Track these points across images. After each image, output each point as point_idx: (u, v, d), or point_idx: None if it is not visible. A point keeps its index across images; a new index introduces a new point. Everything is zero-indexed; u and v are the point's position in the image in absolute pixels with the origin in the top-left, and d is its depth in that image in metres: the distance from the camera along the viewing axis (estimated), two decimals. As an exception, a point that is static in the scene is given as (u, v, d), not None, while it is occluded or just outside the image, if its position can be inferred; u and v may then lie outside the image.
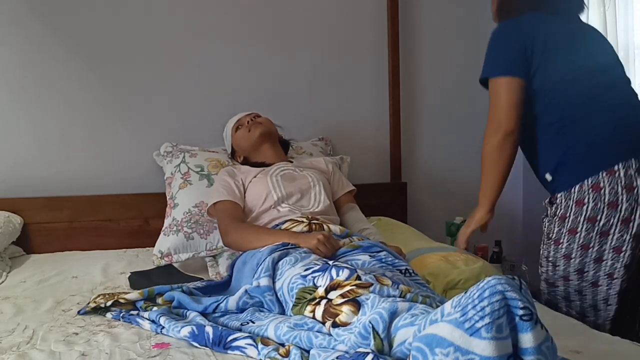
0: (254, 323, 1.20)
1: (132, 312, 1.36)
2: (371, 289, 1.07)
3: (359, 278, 1.11)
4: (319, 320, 1.09)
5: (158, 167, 2.23)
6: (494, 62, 1.57)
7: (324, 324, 1.07)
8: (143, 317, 1.30)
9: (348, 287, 1.09)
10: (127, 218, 2.24)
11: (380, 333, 0.93)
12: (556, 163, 1.55)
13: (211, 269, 1.87)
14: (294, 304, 1.19)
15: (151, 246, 1.95)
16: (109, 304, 1.38)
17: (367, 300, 1.02)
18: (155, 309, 1.33)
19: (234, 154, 2.06)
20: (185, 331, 1.17)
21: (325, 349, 1.00)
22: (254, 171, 1.84)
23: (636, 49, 2.78)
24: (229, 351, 1.12)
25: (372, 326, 0.93)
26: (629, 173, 1.46)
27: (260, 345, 1.08)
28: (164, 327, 1.23)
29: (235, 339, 1.12)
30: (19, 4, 2.19)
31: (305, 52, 2.48)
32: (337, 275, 1.14)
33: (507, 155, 1.56)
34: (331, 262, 1.23)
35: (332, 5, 2.51)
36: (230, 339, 1.13)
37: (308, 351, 1.03)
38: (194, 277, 1.79)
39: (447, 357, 0.76)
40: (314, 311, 1.11)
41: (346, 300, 1.05)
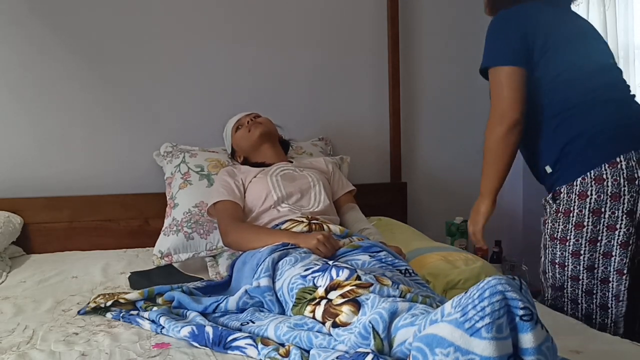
0: (254, 323, 1.20)
1: (132, 312, 1.36)
2: (371, 289, 1.07)
3: (359, 278, 1.11)
4: (319, 320, 1.09)
5: (158, 167, 2.23)
6: (496, 51, 1.54)
7: (324, 324, 1.07)
8: (143, 317, 1.30)
9: (348, 287, 1.08)
10: (127, 218, 2.24)
11: (380, 333, 0.93)
12: (558, 155, 1.54)
13: (211, 269, 1.87)
14: (294, 304, 1.19)
15: (151, 246, 1.95)
16: (109, 304, 1.38)
17: (367, 300, 1.02)
18: (155, 309, 1.33)
19: (234, 154, 2.06)
20: (185, 331, 1.18)
21: (325, 349, 1.00)
22: (254, 171, 1.84)
23: (636, 49, 2.78)
24: (229, 351, 1.12)
25: (372, 326, 0.93)
26: (630, 164, 1.46)
27: (260, 345, 1.08)
28: (164, 327, 1.23)
29: (235, 339, 1.12)
30: (19, 4, 2.19)
31: (305, 52, 2.48)
32: (337, 275, 1.14)
33: (511, 146, 1.54)
34: (331, 262, 1.23)
35: (332, 6, 2.51)
36: (230, 339, 1.13)
37: (308, 351, 1.03)
38: (194, 277, 1.79)
39: (448, 357, 0.76)
40: (314, 311, 1.11)
41: (346, 300, 1.05)
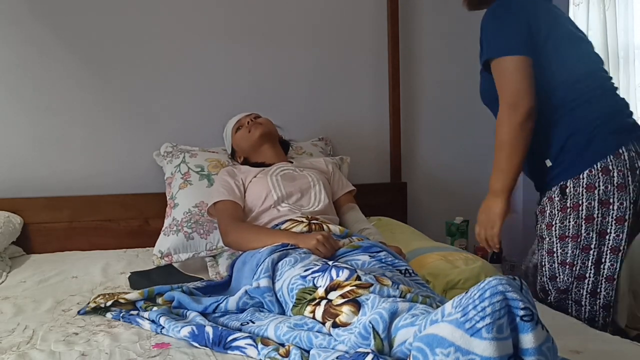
0: (254, 323, 1.20)
1: (132, 312, 1.36)
2: (371, 289, 1.07)
3: (359, 278, 1.11)
4: (319, 320, 1.09)
5: (158, 167, 2.23)
6: (501, 41, 1.49)
7: (324, 324, 1.07)
8: (143, 317, 1.30)
9: (348, 288, 1.08)
10: (127, 218, 2.24)
11: (380, 333, 0.92)
12: (559, 148, 1.52)
13: (211, 269, 1.87)
14: (293, 304, 1.19)
15: (151, 246, 1.95)
16: (109, 304, 1.38)
17: (367, 300, 1.02)
18: (155, 309, 1.33)
19: (234, 155, 2.06)
20: (185, 331, 1.17)
21: (325, 349, 1.00)
22: (254, 171, 1.84)
23: (636, 49, 2.79)
24: (229, 351, 1.12)
25: (372, 326, 0.93)
26: (631, 155, 1.48)
27: (260, 345, 1.08)
28: (164, 327, 1.23)
29: (235, 339, 1.12)
30: (18, 4, 2.19)
31: (305, 52, 2.48)
32: (337, 275, 1.14)
33: (528, 136, 1.47)
34: (331, 263, 1.23)
35: (332, 5, 2.51)
36: (230, 339, 1.13)
37: (308, 351, 1.03)
38: (194, 277, 1.79)
39: (448, 357, 0.76)
40: (314, 311, 1.11)
41: (346, 300, 1.05)
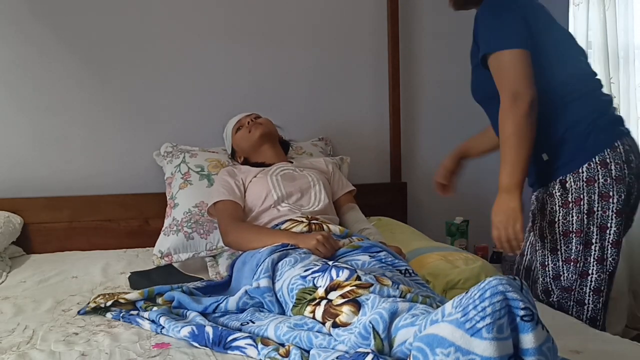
0: (254, 323, 1.20)
1: (132, 312, 1.36)
2: (371, 289, 1.07)
3: (359, 278, 1.11)
4: (319, 320, 1.09)
5: (158, 167, 2.23)
6: (500, 35, 1.48)
7: (324, 324, 1.07)
8: (143, 317, 1.30)
9: (348, 288, 1.08)
10: (127, 218, 2.24)
11: (380, 333, 0.92)
12: (556, 142, 1.51)
13: (211, 269, 1.87)
14: (293, 304, 1.19)
15: (151, 246, 1.94)
16: (109, 304, 1.38)
17: (367, 300, 1.02)
18: (155, 309, 1.32)
19: (234, 155, 2.06)
20: (185, 331, 1.17)
21: (325, 349, 1.00)
22: (254, 171, 1.84)
23: (636, 49, 2.78)
24: (229, 351, 1.12)
25: (372, 326, 0.93)
26: (625, 149, 1.50)
27: (260, 345, 1.08)
28: (164, 327, 1.23)
29: (235, 339, 1.12)
30: (19, 4, 2.19)
31: (305, 52, 2.48)
32: (337, 275, 1.14)
33: (533, 125, 1.44)
34: (331, 263, 1.23)
35: (332, 5, 2.51)
36: (230, 339, 1.13)
37: (308, 351, 1.03)
38: (194, 277, 1.79)
39: (448, 357, 0.76)
40: (314, 311, 1.11)
41: (346, 300, 1.05)
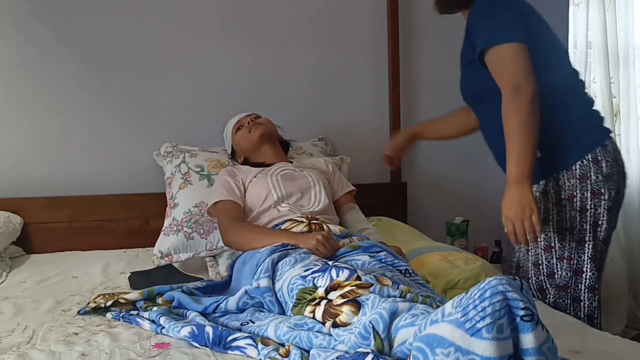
0: (254, 323, 1.20)
1: (132, 312, 1.36)
2: (371, 289, 1.07)
3: (359, 278, 1.11)
4: (319, 320, 1.09)
5: (158, 167, 2.23)
6: (499, 30, 1.48)
7: (324, 324, 1.07)
8: (143, 317, 1.30)
9: (348, 288, 1.08)
10: (127, 218, 2.24)
11: (380, 333, 0.92)
12: (551, 139, 1.51)
13: (211, 269, 1.87)
14: (293, 304, 1.19)
15: (151, 246, 1.94)
16: (109, 304, 1.38)
17: (367, 300, 1.02)
18: (155, 309, 1.32)
19: (234, 155, 2.06)
20: (185, 331, 1.17)
21: (325, 349, 1.00)
22: (254, 171, 1.84)
23: (636, 49, 2.78)
24: (229, 351, 1.12)
25: (372, 326, 0.93)
26: (614, 147, 1.56)
27: (260, 345, 1.08)
28: (164, 327, 1.23)
29: (235, 339, 1.12)
30: (19, 4, 2.19)
31: (305, 52, 2.48)
32: (337, 275, 1.14)
33: (537, 116, 1.43)
34: (331, 263, 1.23)
35: (332, 5, 2.51)
36: (230, 339, 1.13)
37: (308, 351, 1.03)
38: (194, 277, 1.79)
39: (448, 357, 0.76)
40: (314, 311, 1.11)
41: (346, 300, 1.05)
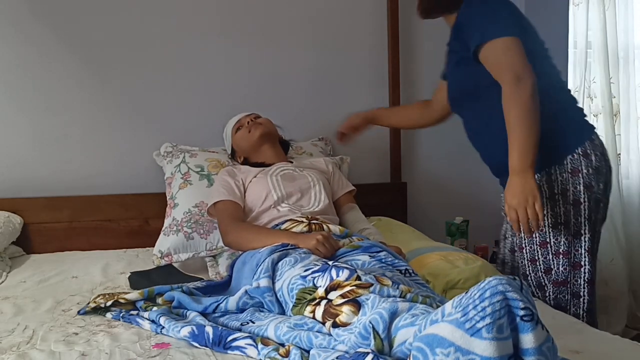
0: (253, 323, 1.20)
1: (132, 312, 1.36)
2: (371, 289, 1.07)
3: (359, 278, 1.11)
4: (319, 320, 1.09)
5: (158, 167, 2.23)
6: (495, 25, 1.49)
7: (324, 324, 1.07)
8: (143, 317, 1.30)
9: (348, 288, 1.08)
10: (127, 218, 2.24)
11: (380, 333, 0.93)
12: (542, 135, 1.48)
13: (211, 269, 1.87)
14: (293, 304, 1.19)
15: (151, 246, 1.94)
16: (109, 304, 1.38)
17: (367, 300, 1.02)
18: (155, 309, 1.33)
19: (234, 155, 2.06)
20: (185, 331, 1.18)
21: (325, 349, 1.00)
22: (254, 171, 1.84)
23: (636, 49, 2.78)
24: (229, 351, 1.12)
25: (372, 326, 0.93)
26: (599, 142, 1.59)
27: (260, 345, 1.08)
28: (164, 327, 1.23)
29: (235, 339, 1.12)
30: (19, 4, 2.19)
31: (305, 52, 2.48)
32: (337, 275, 1.14)
33: (538, 106, 1.44)
34: (331, 263, 1.23)
35: (332, 5, 2.51)
36: (230, 339, 1.13)
37: (308, 351, 1.03)
38: (194, 277, 1.79)
39: (448, 357, 0.76)
40: (314, 311, 1.11)
41: (346, 300, 1.05)
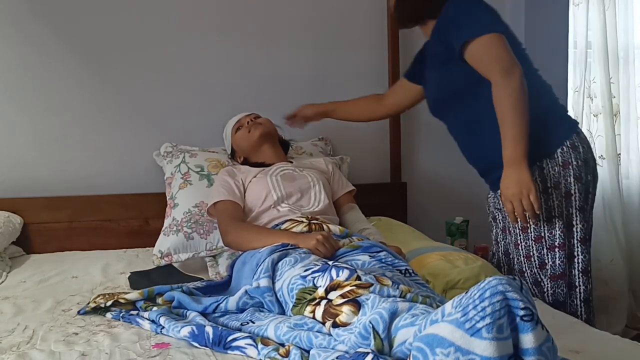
0: (253, 323, 1.20)
1: (132, 312, 1.36)
2: (371, 289, 1.07)
3: (359, 278, 1.11)
4: (319, 320, 1.09)
5: (158, 167, 2.23)
6: (481, 22, 1.53)
7: (324, 324, 1.07)
8: (143, 317, 1.30)
9: (348, 288, 1.08)
10: (127, 218, 2.24)
11: (380, 333, 0.93)
12: (531, 129, 1.50)
13: (211, 269, 1.87)
14: (293, 304, 1.19)
15: (151, 246, 1.94)
16: (109, 304, 1.38)
17: (367, 300, 1.02)
18: (155, 309, 1.33)
19: (234, 155, 2.06)
20: (185, 331, 1.18)
21: (325, 349, 1.00)
22: (254, 171, 1.84)
23: (636, 49, 2.79)
24: (229, 351, 1.12)
25: (372, 326, 0.93)
26: (583, 135, 1.63)
27: (260, 345, 1.08)
28: (164, 327, 1.23)
29: (235, 339, 1.12)
30: (19, 4, 2.19)
31: (305, 52, 2.48)
32: (337, 275, 1.14)
33: (527, 98, 1.48)
34: (331, 263, 1.23)
35: (332, 5, 2.51)
36: (230, 339, 1.13)
37: (308, 351, 1.03)
38: (194, 277, 1.79)
39: (448, 357, 0.76)
40: (314, 311, 1.11)
41: (346, 300, 1.05)
